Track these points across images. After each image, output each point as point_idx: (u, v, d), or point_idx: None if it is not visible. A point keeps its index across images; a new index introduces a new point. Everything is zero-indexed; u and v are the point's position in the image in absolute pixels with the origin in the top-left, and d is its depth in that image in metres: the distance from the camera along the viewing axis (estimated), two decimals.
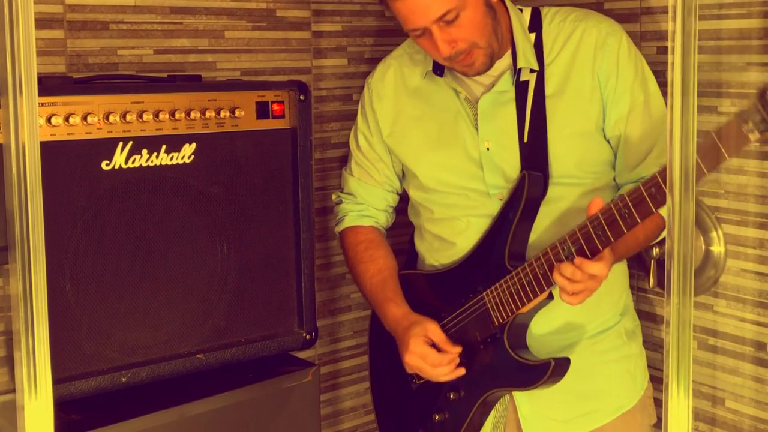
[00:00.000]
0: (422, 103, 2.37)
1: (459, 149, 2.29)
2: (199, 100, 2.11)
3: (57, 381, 1.89)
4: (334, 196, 2.58)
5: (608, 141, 2.25)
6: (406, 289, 2.42)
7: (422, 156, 2.36)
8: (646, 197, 1.91)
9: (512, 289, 2.15)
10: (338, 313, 2.87)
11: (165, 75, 2.27)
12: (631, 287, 2.49)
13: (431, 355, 2.24)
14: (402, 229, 2.62)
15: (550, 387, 2.17)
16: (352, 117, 2.71)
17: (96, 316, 2.00)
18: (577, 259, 2.01)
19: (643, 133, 2.21)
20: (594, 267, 2.00)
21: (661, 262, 2.39)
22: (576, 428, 2.33)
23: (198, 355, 2.13)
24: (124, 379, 2.03)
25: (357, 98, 2.75)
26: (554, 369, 2.13)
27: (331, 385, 2.88)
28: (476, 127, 2.26)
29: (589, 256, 2.00)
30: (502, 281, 2.17)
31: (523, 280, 2.12)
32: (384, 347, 2.46)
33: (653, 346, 2.51)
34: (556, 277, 2.03)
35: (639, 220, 1.94)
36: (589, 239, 2.00)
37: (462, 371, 2.25)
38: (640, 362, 2.41)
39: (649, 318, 2.54)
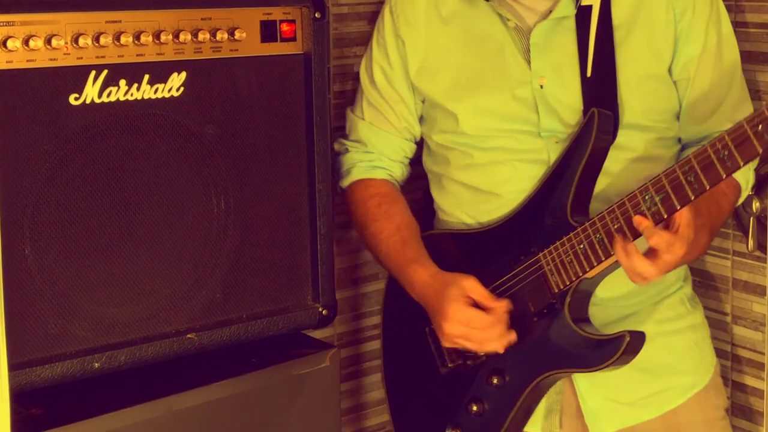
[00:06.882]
0: (459, 31, 2.39)
1: (505, 89, 2.32)
2: (191, 18, 2.10)
3: (14, 367, 1.88)
4: (336, 145, 2.58)
5: (674, 83, 2.31)
6: (433, 255, 2.42)
7: (460, 98, 2.38)
8: (715, 161, 1.95)
9: (578, 248, 2.17)
10: (362, 283, 2.88)
11: None
12: (726, 251, 2.51)
13: (477, 318, 2.25)
14: (414, 182, 2.61)
15: (617, 369, 2.18)
16: None
17: (63, 287, 2.00)
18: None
19: (713, 81, 2.28)
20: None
21: (762, 220, 2.39)
22: (646, 412, 2.38)
23: (189, 335, 2.14)
24: (97, 365, 2.04)
25: None
26: (628, 345, 2.14)
27: (353, 371, 2.90)
28: (528, 61, 2.30)
29: (678, 206, 2.02)
30: (564, 239, 2.20)
31: (593, 237, 2.15)
32: (402, 324, 2.49)
33: (753, 323, 2.52)
34: (655, 240, 2.04)
35: (707, 187, 1.98)
36: (678, 187, 2.01)
37: (514, 336, 2.25)
38: (706, 334, 2.47)
39: (748, 289, 2.54)
